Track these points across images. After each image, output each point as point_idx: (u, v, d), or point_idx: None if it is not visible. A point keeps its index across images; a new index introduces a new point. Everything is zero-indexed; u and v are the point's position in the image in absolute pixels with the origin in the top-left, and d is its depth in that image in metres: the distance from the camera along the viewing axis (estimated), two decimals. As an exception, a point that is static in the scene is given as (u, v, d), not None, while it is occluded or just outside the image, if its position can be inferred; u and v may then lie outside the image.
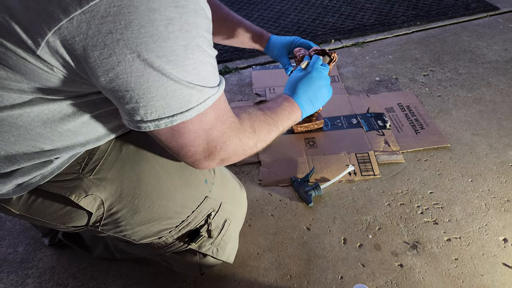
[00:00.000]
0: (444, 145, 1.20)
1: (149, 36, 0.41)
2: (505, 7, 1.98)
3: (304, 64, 0.83)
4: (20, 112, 0.49)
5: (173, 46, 0.43)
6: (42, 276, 0.92)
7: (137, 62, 0.42)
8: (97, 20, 0.39)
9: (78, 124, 0.54)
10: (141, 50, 0.41)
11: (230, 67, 1.62)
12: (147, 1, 0.39)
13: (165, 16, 0.41)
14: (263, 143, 0.67)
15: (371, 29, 1.84)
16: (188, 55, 0.45)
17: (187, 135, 0.51)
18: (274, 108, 0.73)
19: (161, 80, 0.45)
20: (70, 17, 0.38)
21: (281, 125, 0.72)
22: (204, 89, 0.49)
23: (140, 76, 0.44)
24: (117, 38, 0.40)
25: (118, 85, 0.44)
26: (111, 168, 0.62)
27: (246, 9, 2.09)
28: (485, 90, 1.43)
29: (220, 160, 0.59)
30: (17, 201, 0.60)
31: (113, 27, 0.39)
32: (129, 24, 0.40)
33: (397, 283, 0.87)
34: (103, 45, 0.40)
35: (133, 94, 0.45)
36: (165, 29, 0.41)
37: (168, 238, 0.71)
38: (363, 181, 1.10)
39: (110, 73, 0.43)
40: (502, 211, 1.01)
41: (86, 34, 0.40)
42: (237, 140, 0.59)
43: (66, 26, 0.39)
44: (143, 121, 0.48)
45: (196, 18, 0.44)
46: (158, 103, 0.46)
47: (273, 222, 1.01)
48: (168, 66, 0.44)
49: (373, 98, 1.40)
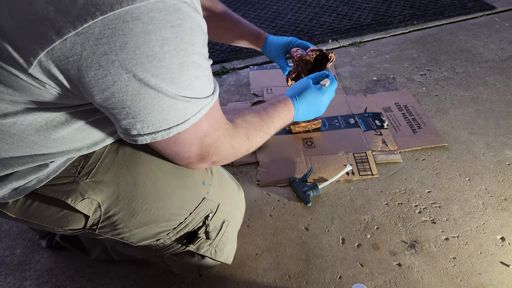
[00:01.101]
0: (442, 145, 1.20)
1: (144, 57, 0.41)
2: (502, 6, 1.98)
3: (327, 83, 0.85)
4: (13, 120, 0.49)
5: (169, 65, 0.43)
6: (40, 278, 0.92)
7: (133, 81, 0.42)
8: (91, 41, 0.39)
9: (72, 131, 0.54)
10: (136, 70, 0.41)
11: (228, 68, 1.62)
12: (142, 23, 0.39)
13: (160, 36, 0.41)
14: (254, 148, 0.70)
15: (368, 29, 1.84)
16: (184, 72, 0.45)
17: (182, 144, 0.53)
18: (271, 112, 0.74)
19: (157, 97, 0.45)
20: (63, 38, 0.38)
21: (274, 129, 0.75)
22: (199, 101, 0.50)
23: (136, 94, 0.44)
24: (112, 59, 0.40)
25: (114, 102, 0.44)
26: (107, 171, 0.62)
27: (243, 9, 2.09)
28: (482, 89, 1.43)
29: (212, 162, 0.62)
30: (13, 205, 0.60)
31: (108, 48, 0.39)
32: (124, 45, 0.39)
33: (396, 282, 0.87)
34: (98, 65, 0.40)
35: (130, 111, 0.46)
36: (160, 49, 0.41)
37: (166, 240, 0.71)
38: (361, 180, 1.10)
39: (105, 92, 0.43)
40: (500, 210, 1.01)
41: (80, 55, 0.39)
42: (230, 147, 0.61)
43: (59, 47, 0.39)
44: (139, 135, 0.49)
45: (192, 36, 0.44)
46: (154, 118, 0.47)
47: (271, 223, 1.01)
48: (164, 84, 0.44)
49: (370, 98, 1.40)
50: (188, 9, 0.43)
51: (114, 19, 0.38)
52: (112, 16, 0.38)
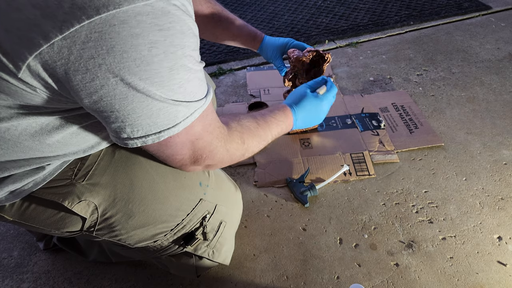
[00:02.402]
0: (438, 144, 1.20)
1: (132, 60, 0.41)
2: (497, 6, 1.99)
3: (323, 90, 0.84)
4: (7, 125, 0.48)
5: (158, 68, 0.43)
6: (37, 280, 0.92)
7: (121, 85, 0.42)
8: (78, 45, 0.38)
9: (67, 135, 0.54)
10: (124, 74, 0.41)
11: (225, 69, 1.62)
12: (129, 27, 0.39)
13: (148, 40, 0.40)
14: (250, 153, 0.69)
15: (365, 29, 1.85)
16: (174, 75, 0.45)
17: (174, 147, 0.53)
18: (268, 118, 0.74)
19: (146, 101, 0.44)
20: (50, 43, 0.38)
21: (271, 135, 0.74)
22: (191, 104, 0.49)
23: (124, 98, 0.43)
24: (99, 63, 0.40)
25: (102, 106, 0.44)
26: (104, 173, 0.61)
27: (239, 10, 2.09)
28: (478, 89, 1.44)
29: (206, 166, 0.61)
30: (10, 208, 0.60)
31: (94, 52, 0.39)
32: (111, 49, 0.39)
33: (393, 282, 0.87)
34: (85, 69, 0.40)
35: (118, 115, 0.45)
36: (148, 52, 0.41)
37: (164, 242, 0.71)
38: (358, 181, 1.11)
39: (93, 95, 0.43)
40: (496, 209, 1.01)
41: (67, 59, 0.39)
42: (224, 151, 0.61)
43: (47, 51, 0.38)
44: (130, 138, 0.49)
45: (182, 39, 0.44)
46: (144, 121, 0.46)
47: (269, 223, 1.01)
48: (153, 88, 0.44)
49: (367, 98, 1.40)
50: (178, 11, 0.42)
51: (101, 23, 0.38)
52: (99, 20, 0.37)
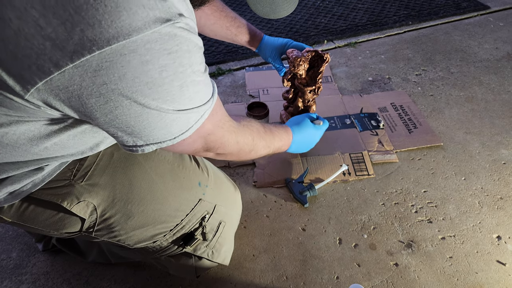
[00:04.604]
0: (437, 144, 1.20)
1: (144, 84, 0.42)
2: (496, 6, 2.00)
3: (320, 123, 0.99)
4: (6, 130, 0.48)
5: (169, 88, 0.44)
6: (36, 282, 0.91)
7: (134, 105, 0.43)
8: (90, 73, 0.39)
9: (65, 138, 0.54)
10: (137, 96, 0.42)
11: (223, 69, 1.62)
12: (139, 55, 0.39)
13: (158, 65, 0.41)
14: (256, 154, 0.74)
15: (363, 29, 1.85)
16: (184, 91, 0.46)
17: (186, 145, 0.55)
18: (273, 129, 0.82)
19: (160, 116, 0.46)
20: (61, 70, 0.38)
21: (273, 146, 0.80)
22: (200, 108, 0.51)
23: (138, 116, 0.45)
24: (112, 88, 0.41)
25: (117, 123, 0.45)
26: (103, 174, 0.61)
27: (238, 10, 2.09)
28: (477, 88, 1.44)
29: (217, 154, 0.64)
30: (9, 209, 0.60)
31: (106, 79, 0.40)
32: (123, 76, 0.40)
33: (393, 282, 0.87)
34: (98, 94, 0.41)
35: (134, 129, 0.47)
36: (159, 75, 0.42)
37: (163, 242, 0.70)
38: (357, 181, 1.11)
39: (108, 115, 0.44)
40: (495, 209, 1.01)
41: (80, 85, 0.40)
42: (235, 142, 0.64)
43: (58, 78, 0.39)
44: (146, 145, 0.50)
45: (189, 58, 0.45)
46: (159, 132, 0.48)
47: (268, 224, 1.01)
48: (165, 105, 0.45)
49: (366, 98, 1.40)
50: (183, 32, 0.43)
51: (111, 53, 0.38)
52: (109, 50, 0.38)
